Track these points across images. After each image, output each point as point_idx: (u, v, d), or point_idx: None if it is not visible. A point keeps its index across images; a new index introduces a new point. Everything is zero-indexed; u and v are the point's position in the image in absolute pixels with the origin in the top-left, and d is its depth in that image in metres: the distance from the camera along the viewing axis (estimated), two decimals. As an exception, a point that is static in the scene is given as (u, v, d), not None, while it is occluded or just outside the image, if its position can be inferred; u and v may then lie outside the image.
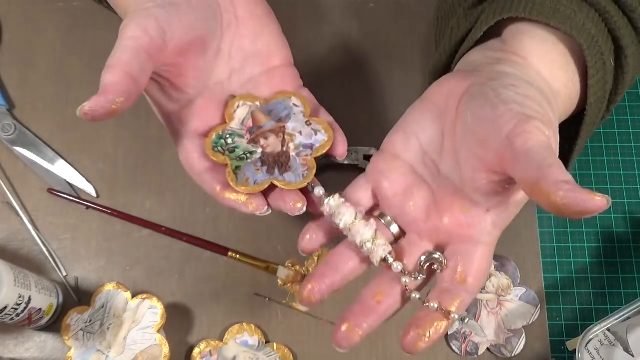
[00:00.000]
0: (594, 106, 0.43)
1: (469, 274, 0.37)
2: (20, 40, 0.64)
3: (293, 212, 0.40)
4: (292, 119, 0.42)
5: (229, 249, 0.57)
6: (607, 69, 0.42)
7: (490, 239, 0.38)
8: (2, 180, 0.59)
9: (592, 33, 0.41)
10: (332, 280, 0.39)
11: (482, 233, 0.37)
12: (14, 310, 0.49)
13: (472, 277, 0.37)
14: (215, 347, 0.55)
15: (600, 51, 0.41)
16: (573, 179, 0.30)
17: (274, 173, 0.40)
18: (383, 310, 0.39)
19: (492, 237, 0.38)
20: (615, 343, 0.54)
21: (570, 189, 0.29)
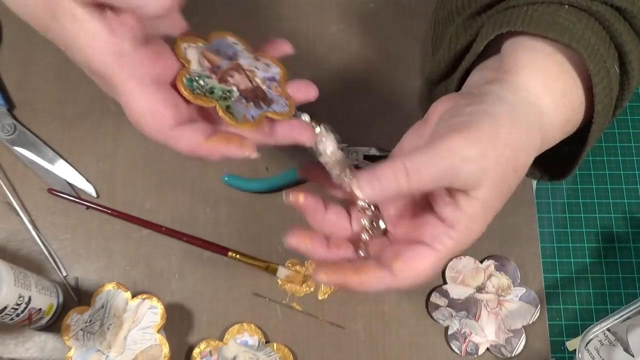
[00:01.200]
0: (601, 114, 0.43)
1: (401, 259, 0.38)
2: (20, 40, 0.64)
3: (310, 139, 0.41)
4: (240, 56, 0.42)
5: (229, 249, 0.57)
6: (612, 76, 0.42)
7: (438, 245, 0.38)
8: (2, 180, 0.59)
9: (592, 42, 0.41)
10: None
11: (433, 237, 0.38)
12: (14, 310, 0.49)
13: (401, 264, 0.38)
14: (215, 347, 0.55)
15: (602, 59, 0.41)
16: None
17: (262, 107, 0.40)
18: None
19: (441, 245, 0.38)
20: (615, 343, 0.54)
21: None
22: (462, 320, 0.56)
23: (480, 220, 0.38)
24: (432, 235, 0.38)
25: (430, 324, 0.57)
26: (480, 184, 0.37)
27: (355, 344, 0.56)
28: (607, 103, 0.43)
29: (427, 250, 0.38)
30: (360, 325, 0.57)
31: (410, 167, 0.36)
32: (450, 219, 0.38)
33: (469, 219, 0.38)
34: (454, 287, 0.57)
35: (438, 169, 0.36)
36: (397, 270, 0.37)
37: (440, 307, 0.57)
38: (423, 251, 0.38)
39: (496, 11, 0.44)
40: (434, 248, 0.38)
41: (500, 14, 0.43)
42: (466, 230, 0.38)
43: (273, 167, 0.60)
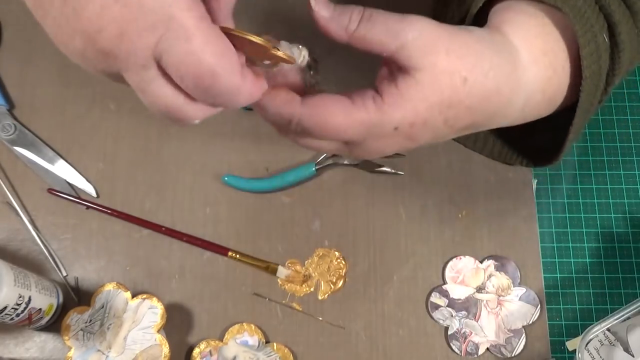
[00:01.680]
0: (590, 82, 0.42)
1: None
2: (20, 40, 0.64)
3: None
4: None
5: (229, 249, 0.57)
6: (600, 44, 0.42)
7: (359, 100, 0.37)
8: (2, 180, 0.59)
9: (579, 5, 0.41)
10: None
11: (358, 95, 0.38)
12: (14, 310, 0.49)
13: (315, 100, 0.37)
14: (215, 347, 0.55)
15: (589, 23, 0.41)
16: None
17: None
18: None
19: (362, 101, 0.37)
20: (615, 343, 0.54)
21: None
22: (462, 320, 0.56)
23: (409, 104, 0.37)
24: (358, 92, 0.37)
25: (430, 324, 0.57)
26: (422, 66, 0.36)
27: (355, 344, 0.56)
28: (595, 70, 0.42)
29: (345, 99, 0.37)
30: (360, 325, 0.57)
31: (369, 16, 0.37)
32: (381, 88, 0.37)
33: (399, 96, 0.36)
34: (454, 287, 0.57)
35: (388, 31, 0.36)
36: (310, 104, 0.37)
37: (440, 307, 0.57)
38: (340, 99, 0.37)
39: None
40: (353, 99, 0.37)
41: None
42: (392, 105, 0.36)
43: (273, 167, 0.60)
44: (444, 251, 0.59)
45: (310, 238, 0.59)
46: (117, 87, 0.64)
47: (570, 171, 0.61)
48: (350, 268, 0.58)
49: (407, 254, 0.58)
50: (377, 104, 0.37)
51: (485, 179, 0.61)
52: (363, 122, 0.37)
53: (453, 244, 0.59)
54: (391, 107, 0.36)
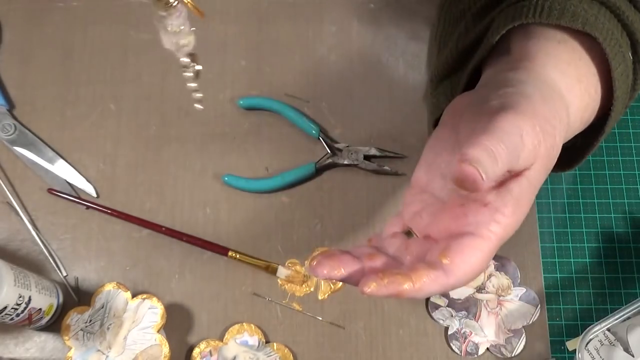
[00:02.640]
0: (620, 100, 0.42)
1: (449, 254, 0.35)
2: (20, 40, 0.64)
3: None
4: None
5: (229, 249, 0.57)
6: (628, 62, 0.42)
7: (486, 232, 0.35)
8: (2, 180, 0.59)
9: (607, 27, 0.40)
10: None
11: (478, 225, 0.35)
12: (14, 310, 0.49)
13: (451, 259, 0.34)
14: (215, 347, 0.55)
15: (618, 43, 0.41)
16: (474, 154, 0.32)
17: None
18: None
19: (490, 232, 0.35)
20: (615, 343, 0.54)
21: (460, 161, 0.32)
22: (462, 320, 0.56)
23: (526, 200, 0.36)
24: (476, 224, 0.35)
25: (430, 324, 0.57)
26: (533, 162, 0.35)
27: (355, 344, 0.56)
28: (624, 90, 0.42)
29: (475, 239, 0.35)
30: (360, 325, 0.57)
31: (496, 149, 0.33)
32: (495, 203, 0.35)
33: (516, 201, 0.35)
34: (454, 287, 0.57)
35: (511, 150, 0.33)
36: (448, 267, 0.34)
37: (440, 307, 0.57)
38: (471, 242, 0.35)
39: (507, 5, 0.44)
40: (482, 236, 0.35)
41: (511, 7, 0.43)
42: (513, 213, 0.35)
43: (273, 167, 0.60)
44: (444, 251, 0.59)
45: (310, 238, 0.59)
46: (117, 87, 0.65)
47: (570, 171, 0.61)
48: (350, 268, 0.58)
49: (407, 254, 0.58)
50: (502, 222, 0.35)
51: (485, 179, 0.60)
52: (497, 246, 0.36)
53: (453, 244, 0.59)
54: (513, 217, 0.35)
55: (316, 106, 0.62)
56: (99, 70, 0.63)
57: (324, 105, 0.62)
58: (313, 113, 0.62)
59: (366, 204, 0.60)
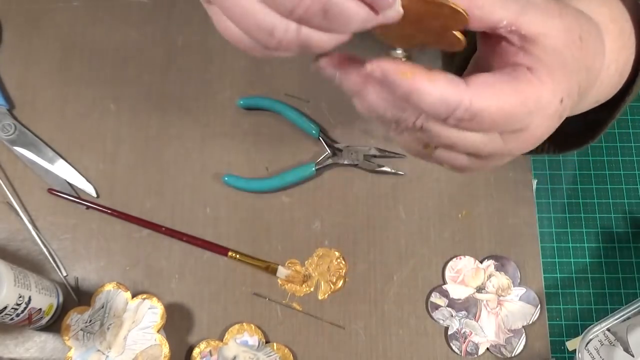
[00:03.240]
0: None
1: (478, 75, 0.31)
2: (20, 40, 0.64)
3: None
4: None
5: (229, 249, 0.57)
6: None
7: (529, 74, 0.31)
8: (2, 180, 0.59)
9: None
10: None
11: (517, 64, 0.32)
12: (14, 310, 0.49)
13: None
14: (215, 347, 0.55)
15: None
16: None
17: None
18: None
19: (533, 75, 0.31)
20: (615, 343, 0.54)
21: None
22: (462, 320, 0.56)
23: (559, 73, 0.32)
24: (507, 70, 0.31)
25: (430, 324, 0.57)
26: (547, 30, 0.31)
27: (355, 344, 0.56)
28: None
29: (510, 74, 0.31)
30: (360, 325, 0.57)
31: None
32: (529, 60, 0.31)
33: (548, 68, 0.31)
34: (454, 287, 0.57)
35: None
36: (477, 83, 0.30)
37: (440, 307, 0.57)
38: (505, 73, 0.31)
39: None
40: (518, 78, 0.31)
41: None
42: (549, 75, 0.31)
43: (273, 167, 0.60)
44: (443, 251, 0.59)
45: (310, 238, 0.59)
46: (117, 87, 0.65)
47: (570, 171, 0.61)
48: (350, 268, 0.58)
49: (407, 254, 0.58)
50: (538, 77, 0.31)
51: (485, 179, 0.60)
52: (538, 99, 0.31)
53: (453, 244, 0.59)
54: (550, 78, 0.31)
55: (316, 106, 0.62)
56: (99, 70, 0.63)
57: (324, 105, 0.62)
58: (313, 113, 0.62)
59: (366, 204, 0.60)
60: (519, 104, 0.31)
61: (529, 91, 0.31)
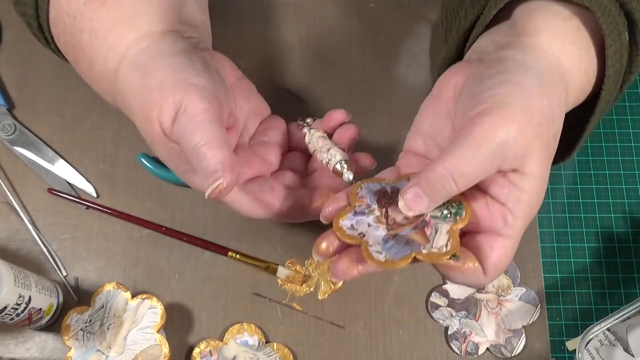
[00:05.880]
0: (612, 79, 0.42)
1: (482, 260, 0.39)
2: (20, 40, 0.64)
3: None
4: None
5: (229, 249, 0.57)
6: (623, 42, 0.41)
7: (509, 231, 0.39)
8: (2, 180, 0.59)
9: (605, 3, 0.40)
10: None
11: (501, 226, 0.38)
12: (14, 310, 0.49)
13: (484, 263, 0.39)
14: (215, 347, 0.55)
15: (614, 21, 0.40)
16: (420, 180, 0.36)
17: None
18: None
19: (512, 230, 0.39)
20: (615, 343, 0.54)
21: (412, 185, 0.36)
22: (462, 320, 0.56)
23: (538, 193, 0.38)
24: (504, 224, 0.38)
25: (430, 324, 0.57)
26: (526, 161, 0.36)
27: (355, 344, 0.56)
28: (617, 69, 0.42)
29: (499, 239, 0.38)
30: (360, 325, 0.57)
31: (454, 172, 0.35)
32: (510, 200, 0.37)
33: (529, 196, 0.37)
34: (454, 287, 0.57)
35: (482, 161, 0.35)
36: (487, 272, 0.38)
37: (440, 307, 0.57)
38: (502, 244, 0.38)
39: None
40: (509, 236, 0.38)
41: None
42: (528, 207, 0.38)
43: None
44: (444, 251, 0.58)
45: (310, 238, 0.59)
46: (117, 87, 0.64)
47: (570, 171, 0.61)
48: (350, 268, 0.58)
49: (407, 254, 0.58)
50: (520, 217, 0.38)
51: (485, 179, 0.60)
52: (518, 240, 0.39)
53: (453, 244, 0.59)
54: (528, 211, 0.38)
55: (316, 106, 0.62)
56: (99, 70, 0.63)
57: (323, 105, 0.62)
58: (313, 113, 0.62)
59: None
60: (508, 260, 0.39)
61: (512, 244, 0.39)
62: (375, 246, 0.38)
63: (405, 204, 0.37)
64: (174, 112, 0.40)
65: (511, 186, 0.37)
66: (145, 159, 0.59)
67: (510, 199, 0.37)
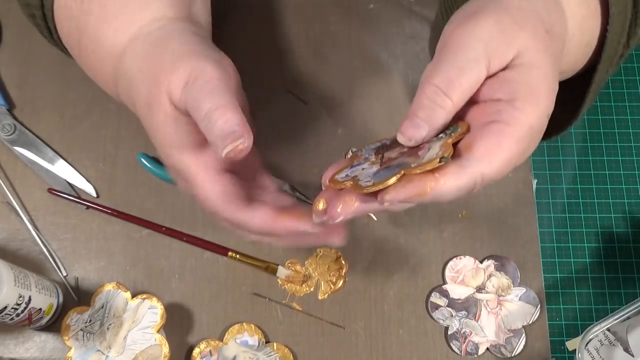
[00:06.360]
0: (616, 21, 0.39)
1: (477, 143, 0.34)
2: (20, 40, 0.64)
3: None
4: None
5: (229, 249, 0.57)
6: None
7: (508, 117, 0.34)
8: (2, 180, 0.59)
9: None
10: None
11: (500, 113, 0.34)
12: (14, 310, 0.49)
13: (480, 146, 0.33)
14: (215, 347, 0.55)
15: None
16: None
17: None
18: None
19: (512, 118, 0.34)
20: (615, 343, 0.54)
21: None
22: (462, 320, 0.56)
23: (540, 80, 0.34)
24: (497, 112, 0.34)
25: (430, 324, 0.57)
26: (515, 54, 0.34)
27: (355, 344, 0.56)
28: (621, 10, 0.40)
29: (500, 125, 0.33)
30: (360, 325, 0.57)
31: (442, 85, 0.33)
32: (505, 92, 0.34)
33: (526, 85, 0.34)
34: (454, 287, 0.57)
35: (468, 65, 0.33)
36: (480, 156, 0.33)
37: (440, 307, 0.57)
38: (496, 127, 0.33)
39: None
40: (506, 121, 0.33)
41: None
42: (530, 96, 0.34)
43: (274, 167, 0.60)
44: (444, 251, 0.59)
45: (310, 238, 0.59)
46: (117, 87, 0.64)
47: (570, 171, 0.61)
48: (350, 268, 0.58)
49: (407, 254, 0.58)
50: (521, 109, 0.34)
51: (485, 179, 0.60)
52: (523, 134, 0.34)
53: (453, 244, 0.59)
54: (532, 102, 0.34)
55: (316, 106, 0.62)
56: (99, 70, 0.63)
57: (323, 105, 0.62)
58: (312, 113, 0.62)
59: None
60: (517, 154, 0.34)
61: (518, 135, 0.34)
62: (365, 180, 0.35)
63: (404, 135, 0.34)
64: (185, 79, 0.37)
65: (505, 82, 0.34)
66: (145, 159, 0.59)
67: (504, 91, 0.34)
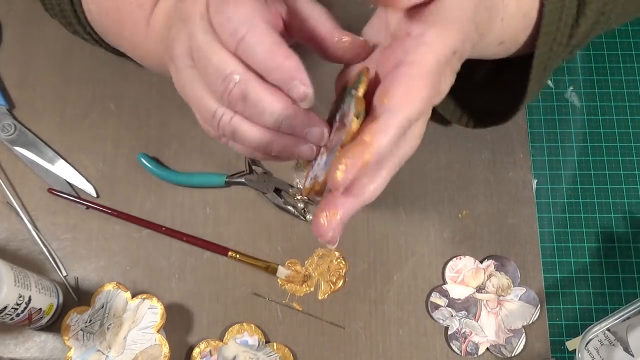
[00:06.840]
0: (553, 4, 0.39)
1: (387, 94, 0.33)
2: (20, 40, 0.64)
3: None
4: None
5: (229, 249, 0.57)
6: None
7: (414, 57, 0.33)
8: (2, 180, 0.59)
9: None
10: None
11: (407, 53, 0.33)
12: (14, 310, 0.49)
13: (389, 97, 0.32)
14: (215, 347, 0.55)
15: None
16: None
17: None
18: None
19: (418, 55, 0.33)
20: (615, 343, 0.54)
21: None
22: (462, 320, 0.56)
23: (450, 19, 0.34)
24: (405, 52, 0.33)
25: (430, 324, 0.57)
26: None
27: (355, 344, 0.56)
28: (559, 6, 0.40)
29: (405, 66, 0.33)
30: (360, 325, 0.57)
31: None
32: (416, 29, 0.34)
33: (437, 20, 0.34)
34: (454, 287, 0.57)
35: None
36: (399, 103, 0.32)
37: (440, 307, 0.57)
38: (402, 69, 0.33)
39: None
40: (411, 62, 0.33)
41: None
42: (439, 34, 0.33)
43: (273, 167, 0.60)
44: (444, 251, 0.59)
45: (310, 238, 0.59)
46: (117, 87, 0.65)
47: (570, 171, 0.61)
48: (350, 268, 0.58)
49: (407, 254, 0.59)
50: (428, 43, 0.33)
51: (485, 179, 0.61)
52: (432, 70, 0.33)
53: (453, 244, 0.59)
54: (439, 35, 0.33)
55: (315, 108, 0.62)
56: (99, 70, 0.63)
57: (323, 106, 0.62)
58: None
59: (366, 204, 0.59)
60: (432, 90, 0.33)
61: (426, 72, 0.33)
62: (320, 175, 0.35)
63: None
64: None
65: (411, 14, 0.34)
66: (145, 159, 0.59)
67: (414, 25, 0.34)
